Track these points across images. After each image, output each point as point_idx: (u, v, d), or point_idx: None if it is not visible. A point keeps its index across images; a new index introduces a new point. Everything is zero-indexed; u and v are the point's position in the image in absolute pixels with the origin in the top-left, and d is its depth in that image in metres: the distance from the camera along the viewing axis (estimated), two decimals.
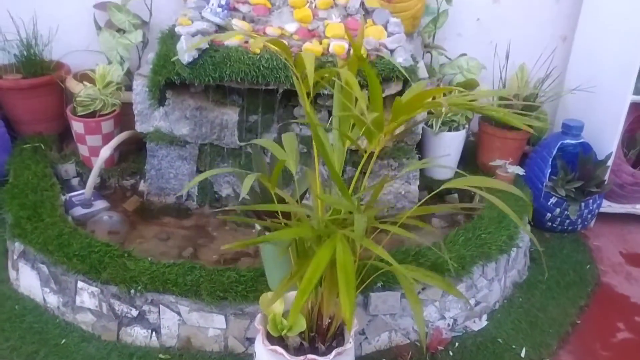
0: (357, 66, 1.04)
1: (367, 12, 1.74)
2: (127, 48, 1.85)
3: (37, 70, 1.90)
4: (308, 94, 1.02)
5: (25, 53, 1.89)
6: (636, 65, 1.75)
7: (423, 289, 1.41)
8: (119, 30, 1.89)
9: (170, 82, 1.55)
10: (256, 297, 1.26)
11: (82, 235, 1.41)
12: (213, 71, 1.52)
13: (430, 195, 1.27)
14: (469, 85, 1.97)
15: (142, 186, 1.80)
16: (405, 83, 1.58)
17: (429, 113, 1.79)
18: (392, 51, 1.59)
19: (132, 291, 1.32)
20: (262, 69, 1.53)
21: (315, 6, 1.70)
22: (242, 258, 1.56)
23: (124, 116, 1.84)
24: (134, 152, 1.87)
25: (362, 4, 1.74)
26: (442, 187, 1.09)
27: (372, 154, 1.04)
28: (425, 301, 1.42)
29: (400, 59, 1.55)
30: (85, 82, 1.78)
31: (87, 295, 1.36)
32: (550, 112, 2.13)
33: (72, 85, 1.86)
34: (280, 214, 1.13)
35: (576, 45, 2.07)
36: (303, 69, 0.94)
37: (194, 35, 1.52)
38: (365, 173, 1.10)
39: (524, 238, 1.64)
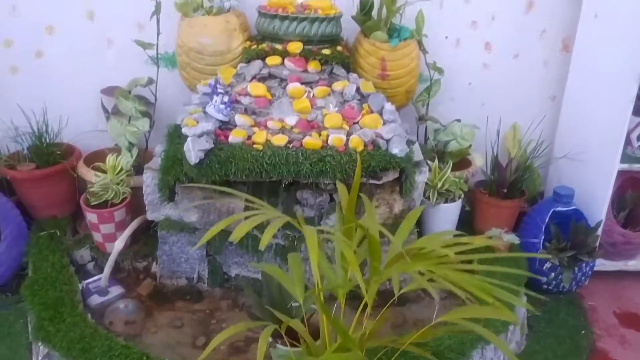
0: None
1: (363, 97, 1.82)
2: (135, 135, 1.93)
3: (49, 157, 1.99)
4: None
5: (37, 142, 1.98)
6: (623, 133, 1.83)
7: None
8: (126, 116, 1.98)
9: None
10: None
11: (103, 337, 1.49)
12: (219, 170, 1.61)
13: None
14: (461, 154, 2.06)
15: (155, 268, 1.89)
16: (402, 171, 1.67)
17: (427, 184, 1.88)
18: (388, 141, 1.67)
19: None
20: (265, 165, 1.61)
21: (313, 95, 1.79)
22: (252, 344, 1.64)
23: (134, 198, 1.93)
24: (144, 232, 1.95)
25: (358, 89, 1.82)
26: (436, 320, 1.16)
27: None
28: None
29: (396, 150, 1.64)
30: (97, 173, 1.86)
31: None
32: (543, 173, 2.21)
33: (84, 172, 1.95)
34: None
35: (564, 111, 2.15)
36: None
37: (200, 136, 1.61)
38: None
39: (522, 310, 1.72)
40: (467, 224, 2.07)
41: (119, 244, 1.76)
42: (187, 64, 1.91)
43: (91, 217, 1.83)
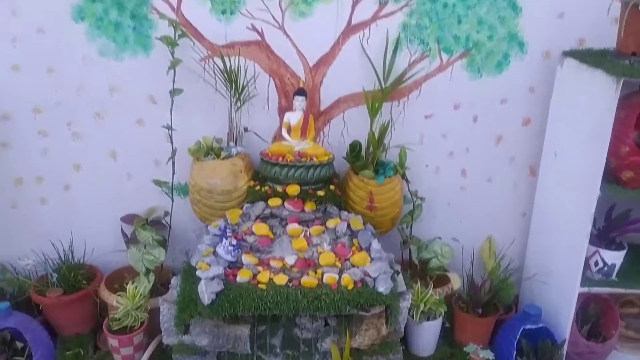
0: None
1: (353, 233, 2.09)
2: (152, 263, 2.18)
3: (74, 280, 2.23)
4: None
5: (64, 269, 2.23)
6: (581, 261, 2.08)
7: None
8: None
9: None
10: None
11: None
12: (229, 308, 1.85)
13: None
14: (441, 270, 2.32)
15: None
16: (387, 307, 1.92)
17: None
18: (374, 279, 1.92)
19: None
20: (268, 303, 1.86)
21: (309, 234, 2.05)
22: None
23: (150, 318, 2.16)
24: (157, 347, 2.17)
25: (349, 225, 2.08)
26: None
27: None
28: None
29: (382, 288, 1.89)
30: (118, 300, 2.10)
31: None
32: (517, 283, 2.47)
33: (105, 295, 2.19)
34: None
35: (533, 229, 2.42)
36: None
37: (212, 279, 1.85)
38: None
39: None
40: (447, 337, 2.31)
41: None
42: (199, 201, 2.17)
43: (113, 341, 2.06)
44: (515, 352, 2.15)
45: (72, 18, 2.04)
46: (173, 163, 2.17)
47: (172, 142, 2.14)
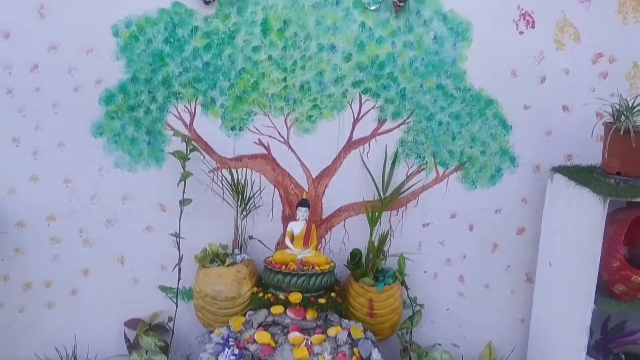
0: None
1: (353, 341, 2.12)
2: None
3: None
4: None
5: None
6: None
7: None
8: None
9: None
10: None
11: None
12: None
13: None
14: None
15: None
16: None
17: None
18: None
19: None
20: None
21: (310, 342, 2.08)
22: None
23: None
24: None
25: (349, 334, 2.12)
26: None
27: None
28: None
29: None
30: None
31: None
32: None
33: None
34: None
35: (532, 335, 2.44)
36: None
37: None
38: None
39: None
40: None
41: None
42: (203, 307, 2.22)
43: None
44: None
45: (91, 134, 2.18)
46: (179, 270, 2.24)
47: (179, 250, 2.21)
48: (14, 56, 2.09)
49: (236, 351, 1.99)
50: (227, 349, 1.99)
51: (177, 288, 2.28)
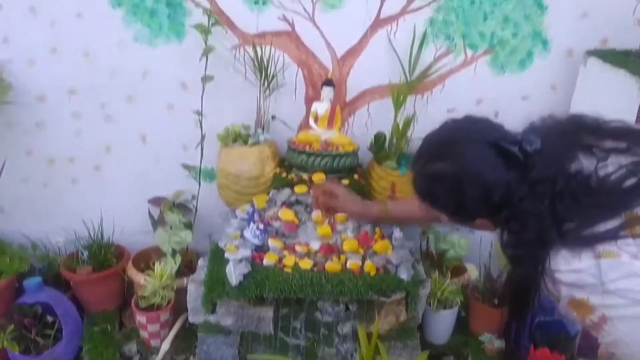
0: None
1: None
2: (179, 244, 2.25)
3: (103, 259, 2.30)
4: None
5: (94, 246, 2.30)
6: None
7: None
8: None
9: None
10: None
11: None
12: (255, 290, 1.91)
13: None
14: (457, 261, 2.38)
15: None
16: (407, 294, 1.99)
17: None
18: (396, 266, 1.98)
19: None
20: (293, 286, 1.92)
21: (333, 221, 2.11)
22: None
23: (176, 298, 2.23)
24: (182, 326, 2.25)
25: None
26: None
27: None
28: None
29: (404, 275, 1.95)
30: (146, 278, 2.17)
31: None
32: None
33: (133, 274, 2.26)
34: None
35: None
36: None
37: (240, 261, 1.92)
38: None
39: None
40: (463, 326, 2.37)
41: (165, 346, 2.06)
42: (226, 186, 2.23)
43: (140, 318, 2.14)
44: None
45: (110, 4, 2.10)
46: (202, 148, 2.24)
47: (201, 128, 2.20)
48: None
49: (261, 226, 2.02)
50: (252, 224, 2.02)
51: (200, 167, 2.29)
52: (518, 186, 1.11)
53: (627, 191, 1.11)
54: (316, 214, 2.11)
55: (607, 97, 2.03)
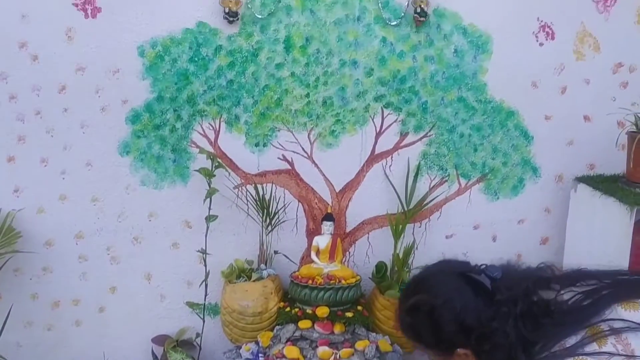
0: None
1: (382, 354, 2.12)
2: None
3: None
4: None
5: None
6: None
7: None
8: None
9: None
10: None
11: None
12: None
13: None
14: None
15: None
16: None
17: None
18: None
19: None
20: None
21: (339, 356, 2.08)
22: None
23: None
24: None
25: (377, 347, 2.12)
26: None
27: None
28: None
29: None
30: None
31: None
32: None
33: None
34: None
35: None
36: None
37: None
38: None
39: None
40: None
41: None
42: (230, 322, 2.23)
43: None
44: None
45: (118, 153, 2.21)
46: (206, 286, 2.26)
47: (205, 266, 2.23)
48: (42, 78, 2.12)
49: None
50: None
51: (204, 304, 2.30)
52: (486, 308, 1.18)
53: (584, 308, 1.18)
54: (322, 350, 2.09)
55: (600, 222, 2.09)
